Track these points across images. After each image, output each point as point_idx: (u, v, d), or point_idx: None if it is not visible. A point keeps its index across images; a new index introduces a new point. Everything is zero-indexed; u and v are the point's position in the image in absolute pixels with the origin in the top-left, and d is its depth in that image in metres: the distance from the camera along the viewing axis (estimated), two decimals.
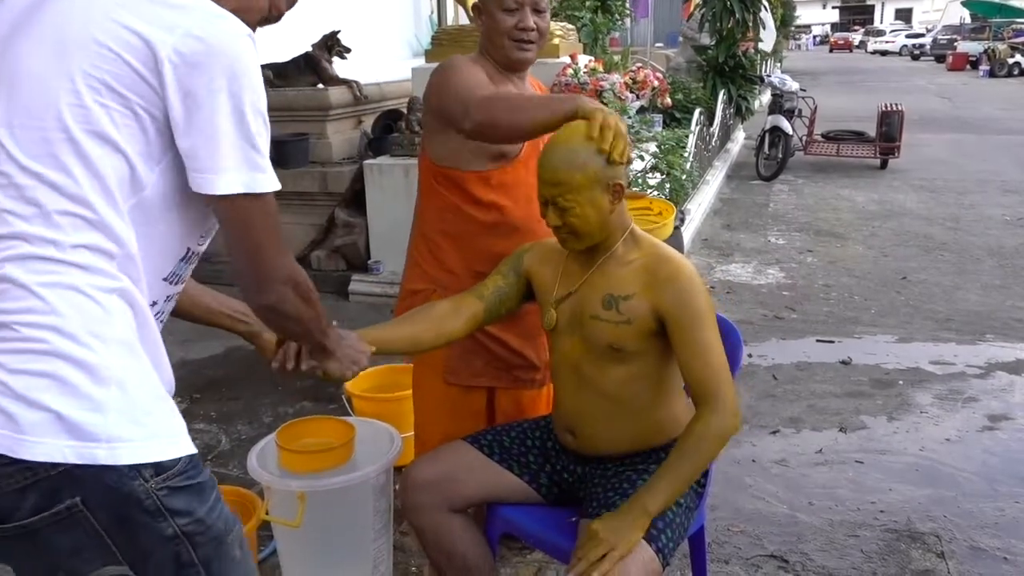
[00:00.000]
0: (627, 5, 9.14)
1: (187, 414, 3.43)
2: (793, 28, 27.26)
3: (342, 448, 2.05)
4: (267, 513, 2.05)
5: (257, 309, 1.22)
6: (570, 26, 5.74)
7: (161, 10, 1.05)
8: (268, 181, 1.11)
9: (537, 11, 1.94)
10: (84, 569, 1.03)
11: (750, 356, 3.90)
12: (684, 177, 5.35)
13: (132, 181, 1.06)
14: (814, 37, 58.00)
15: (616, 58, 7.04)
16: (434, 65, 2.06)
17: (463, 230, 1.99)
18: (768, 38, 10.32)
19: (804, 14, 44.74)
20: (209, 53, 1.04)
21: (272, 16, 1.26)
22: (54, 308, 1.00)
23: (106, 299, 1.04)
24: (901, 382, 3.66)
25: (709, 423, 1.58)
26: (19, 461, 0.97)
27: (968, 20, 36.75)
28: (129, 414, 1.02)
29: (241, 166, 1.07)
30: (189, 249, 1.20)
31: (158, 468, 1.03)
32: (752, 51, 10.04)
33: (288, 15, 1.43)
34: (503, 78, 1.98)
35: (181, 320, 1.73)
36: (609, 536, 1.48)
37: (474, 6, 2.03)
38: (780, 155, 8.54)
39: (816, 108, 9.66)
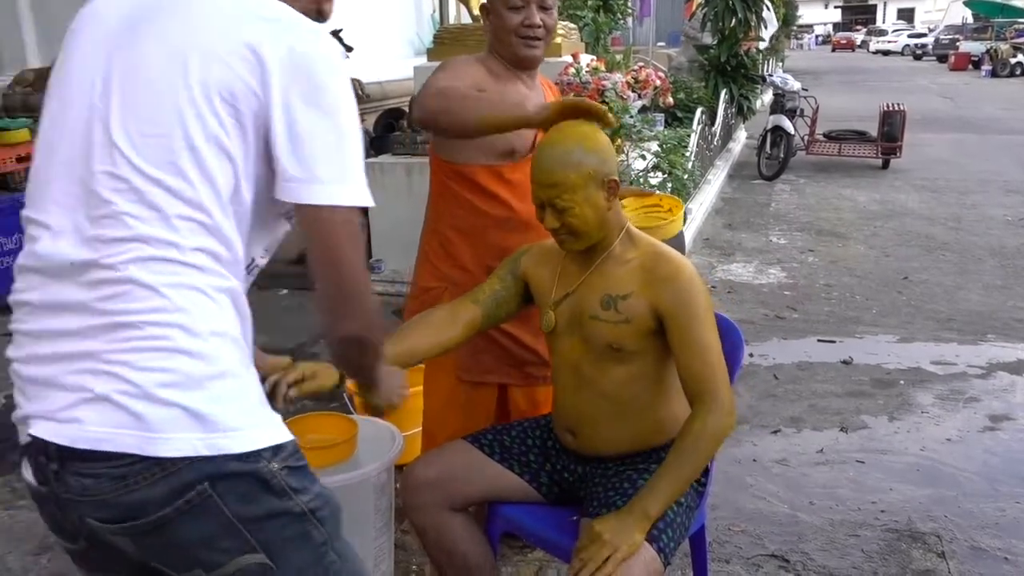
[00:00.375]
0: (629, 4, 9.14)
1: None
2: (795, 28, 27.23)
3: (345, 444, 2.05)
4: None
5: (344, 337, 1.17)
6: (572, 25, 5.74)
7: (268, 25, 1.10)
8: (363, 195, 1.12)
9: (543, 8, 1.95)
10: (220, 560, 1.06)
11: (751, 356, 3.90)
12: (686, 176, 5.35)
13: (236, 190, 1.10)
14: (816, 37, 57.95)
15: (618, 57, 7.04)
16: (436, 64, 2.07)
17: (475, 225, 2.01)
18: (767, 34, 10.30)
19: (806, 13, 44.73)
20: (310, 68, 1.09)
21: (319, 21, 1.28)
22: (180, 306, 1.04)
23: (221, 298, 1.09)
24: (902, 382, 3.66)
25: (706, 422, 1.58)
26: (148, 458, 1.01)
27: (970, 20, 36.72)
28: (244, 403, 1.08)
29: (337, 178, 1.09)
30: (253, 260, 1.23)
31: (276, 450, 1.08)
32: (754, 51, 10.03)
33: None
34: (512, 76, 1.99)
35: None
36: (611, 538, 1.49)
37: (482, 6, 2.04)
38: (782, 155, 8.54)
39: (818, 108, 9.66)
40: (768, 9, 9.81)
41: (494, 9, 1.98)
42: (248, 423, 1.06)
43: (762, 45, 10.38)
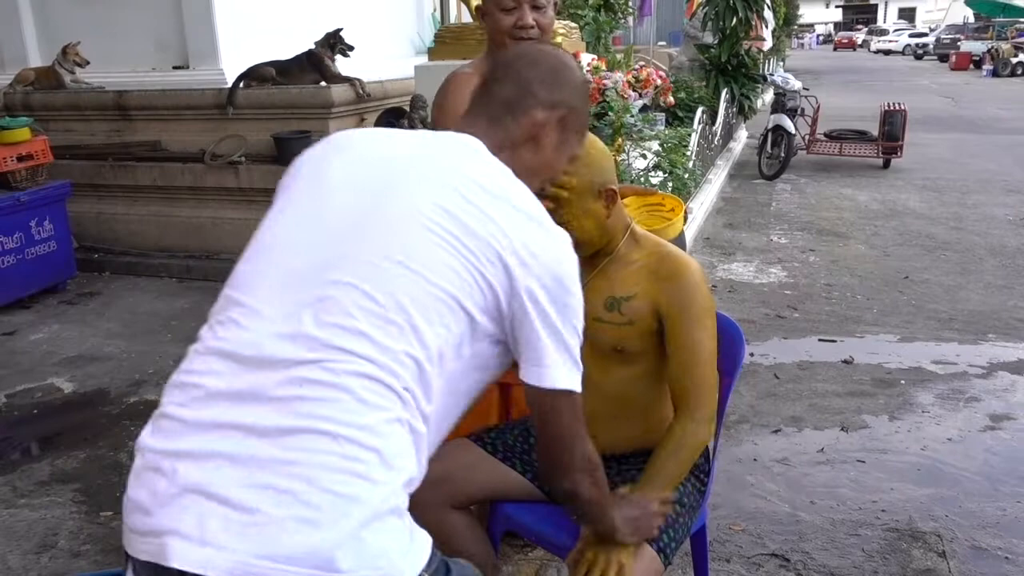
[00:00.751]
0: (630, 4, 9.13)
1: None
2: (796, 27, 27.21)
3: None
4: None
5: (555, 491, 1.32)
6: (573, 25, 5.73)
7: (538, 229, 1.17)
8: (578, 381, 1.21)
9: (536, 7, 1.95)
10: None
11: (752, 355, 3.90)
12: (686, 176, 5.35)
13: (456, 353, 1.12)
14: (817, 36, 57.90)
15: (619, 57, 7.03)
16: (437, 63, 2.08)
17: None
18: (767, 33, 10.30)
19: (807, 13, 44.69)
20: (564, 271, 1.17)
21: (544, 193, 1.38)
22: (384, 433, 1.01)
23: (415, 438, 1.07)
24: (903, 381, 3.65)
25: (687, 430, 1.59)
26: None
27: (971, 19, 36.70)
28: (404, 542, 1.04)
29: (565, 365, 1.18)
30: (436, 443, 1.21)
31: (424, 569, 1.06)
32: (755, 50, 10.02)
33: (290, 13, 1.46)
34: None
35: (182, 317, 1.73)
36: (609, 545, 1.49)
37: (477, 8, 2.04)
38: (782, 154, 8.53)
39: (819, 107, 9.65)
40: (769, 8, 9.80)
41: (488, 11, 1.99)
42: (408, 566, 1.02)
43: (766, 46, 10.37)
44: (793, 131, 8.61)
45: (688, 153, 5.76)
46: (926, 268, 5.40)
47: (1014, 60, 24.57)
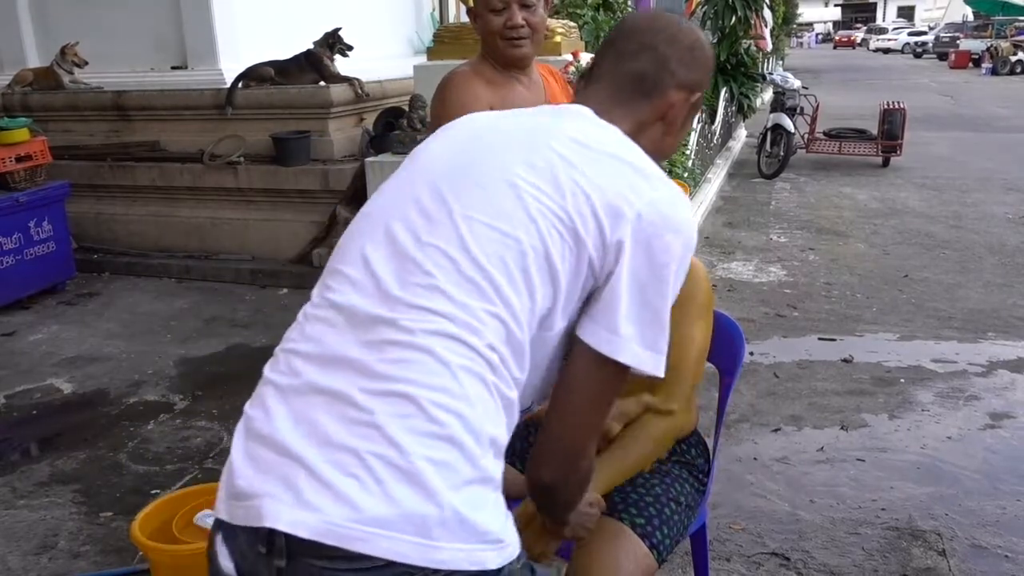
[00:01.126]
0: (629, 3, 9.13)
1: (188, 412, 3.45)
2: (795, 26, 27.20)
3: None
4: None
5: (538, 481, 1.16)
6: (572, 24, 5.73)
7: (637, 178, 1.09)
8: (657, 365, 1.09)
9: (525, 7, 1.95)
10: None
11: (752, 354, 3.90)
12: (686, 175, 5.35)
13: (550, 314, 1.06)
14: (816, 35, 57.90)
15: None
16: (436, 63, 2.08)
17: None
18: (766, 32, 10.30)
19: (806, 12, 44.66)
20: (668, 226, 1.07)
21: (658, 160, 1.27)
22: (466, 395, 0.96)
23: (502, 404, 1.02)
24: (902, 380, 3.65)
25: (651, 421, 1.57)
26: (400, 564, 0.89)
27: (971, 18, 36.69)
28: (500, 512, 0.99)
29: (644, 341, 1.07)
30: (531, 406, 1.16)
31: (516, 559, 1.00)
32: (756, 49, 10.01)
33: (288, 13, 1.46)
34: (508, 80, 2.00)
35: (181, 318, 1.73)
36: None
37: (469, 10, 2.04)
38: (782, 153, 8.53)
39: (818, 106, 9.65)
40: (768, 7, 9.80)
41: (478, 13, 1.99)
42: (505, 536, 0.97)
43: (767, 46, 10.36)
44: (792, 130, 8.61)
45: (687, 152, 5.76)
46: (925, 267, 5.40)
47: (1013, 58, 24.57)
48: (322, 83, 5.45)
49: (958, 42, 31.20)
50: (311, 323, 1.06)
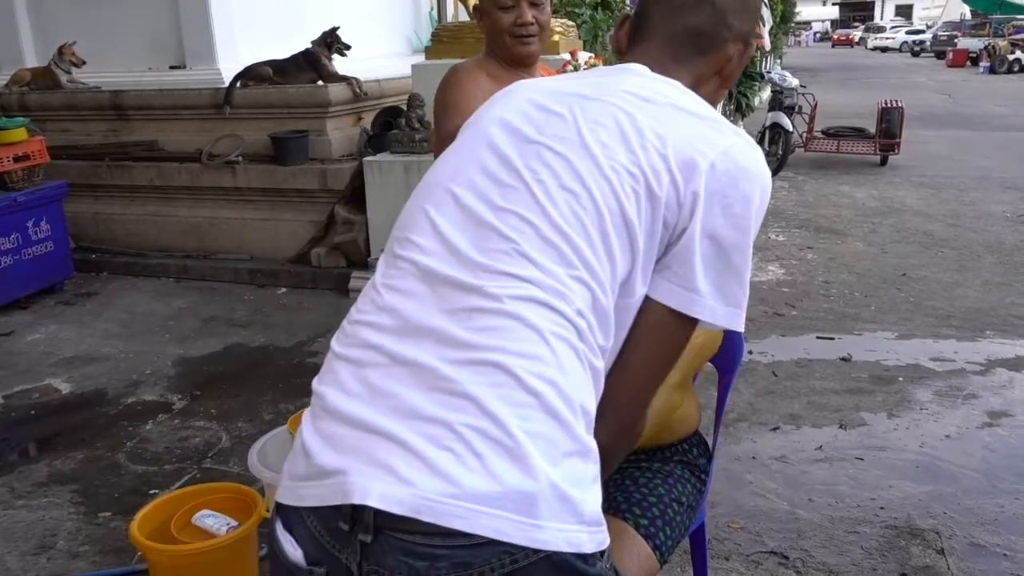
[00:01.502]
0: (627, 2, 9.12)
1: (187, 411, 3.44)
2: (793, 24, 27.21)
3: None
4: (267, 510, 2.05)
5: (610, 432, 1.06)
6: (570, 23, 5.73)
7: (708, 129, 1.05)
8: (734, 320, 1.06)
9: (534, 5, 1.96)
10: None
11: (750, 353, 3.90)
12: None
13: (630, 279, 1.01)
14: (814, 34, 57.94)
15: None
16: (434, 62, 2.09)
17: None
18: (765, 31, 10.30)
19: (804, 10, 44.69)
20: (743, 175, 1.04)
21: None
22: (560, 363, 0.91)
23: (591, 375, 0.97)
24: (901, 379, 3.66)
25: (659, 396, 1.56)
26: (500, 543, 0.83)
27: (968, 16, 36.71)
28: (597, 492, 0.93)
29: (722, 296, 1.04)
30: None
31: (608, 553, 0.95)
32: (758, 47, 10.01)
33: (287, 12, 1.44)
34: (512, 76, 2.00)
35: (180, 317, 1.72)
36: None
37: (475, 7, 2.04)
38: (780, 152, 8.53)
39: (816, 104, 9.65)
40: (765, 6, 9.80)
41: (486, 11, 1.99)
42: (602, 517, 0.91)
43: (767, 44, 10.36)
44: (791, 128, 8.61)
45: None
46: (924, 265, 5.40)
47: (1011, 57, 24.60)
48: (320, 82, 5.45)
49: (956, 41, 31.26)
50: (383, 294, 1.01)
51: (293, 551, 0.93)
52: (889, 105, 9.02)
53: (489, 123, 1.11)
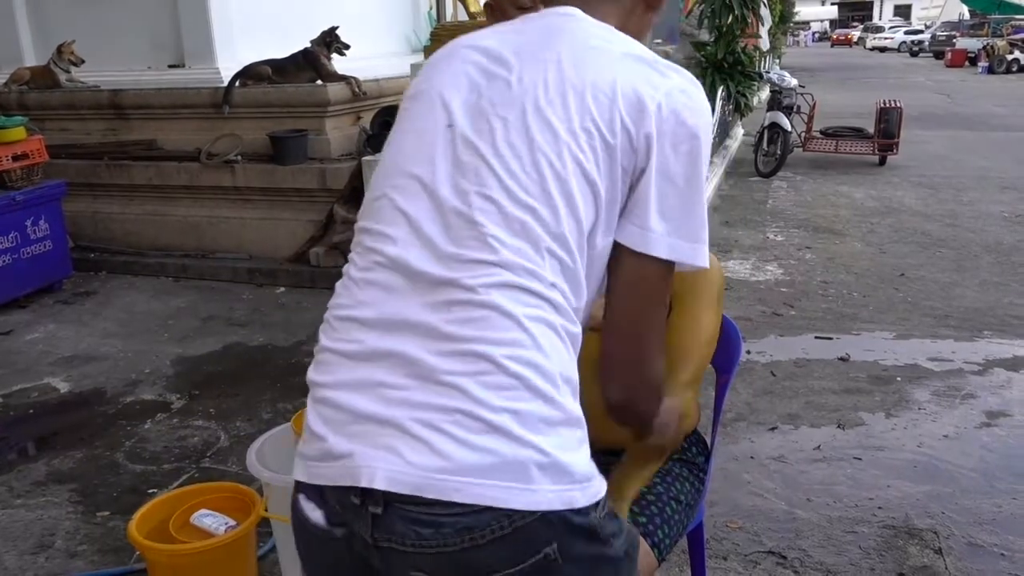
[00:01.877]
0: None
1: (185, 411, 3.44)
2: (792, 24, 27.22)
3: None
4: (266, 510, 2.05)
5: (610, 401, 1.11)
6: None
7: (650, 71, 1.06)
8: (698, 255, 1.06)
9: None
10: None
11: (748, 352, 3.90)
12: None
13: (593, 231, 1.03)
14: (813, 33, 57.95)
15: None
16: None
17: None
18: (763, 31, 10.32)
19: (803, 10, 44.67)
20: (689, 112, 1.05)
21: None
22: (538, 344, 0.96)
23: (569, 343, 1.01)
24: (899, 379, 3.66)
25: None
26: (498, 509, 0.91)
27: (967, 16, 36.74)
28: (586, 451, 1.00)
29: (680, 232, 1.04)
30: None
31: (603, 504, 1.01)
32: (752, 48, 10.01)
33: (286, 12, 1.44)
34: None
35: (179, 316, 1.72)
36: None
37: (487, 4, 2.03)
38: (779, 152, 8.53)
39: (815, 104, 9.66)
40: (765, 6, 9.81)
41: (502, 9, 1.98)
42: (592, 475, 0.98)
43: (764, 46, 10.36)
44: (789, 128, 8.62)
45: None
46: (922, 265, 5.41)
47: (1009, 57, 24.62)
48: (319, 82, 5.45)
49: (954, 41, 31.28)
50: (362, 287, 1.04)
51: (314, 514, 1.01)
52: (888, 105, 9.03)
53: (437, 95, 1.11)
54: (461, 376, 0.94)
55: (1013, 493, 2.73)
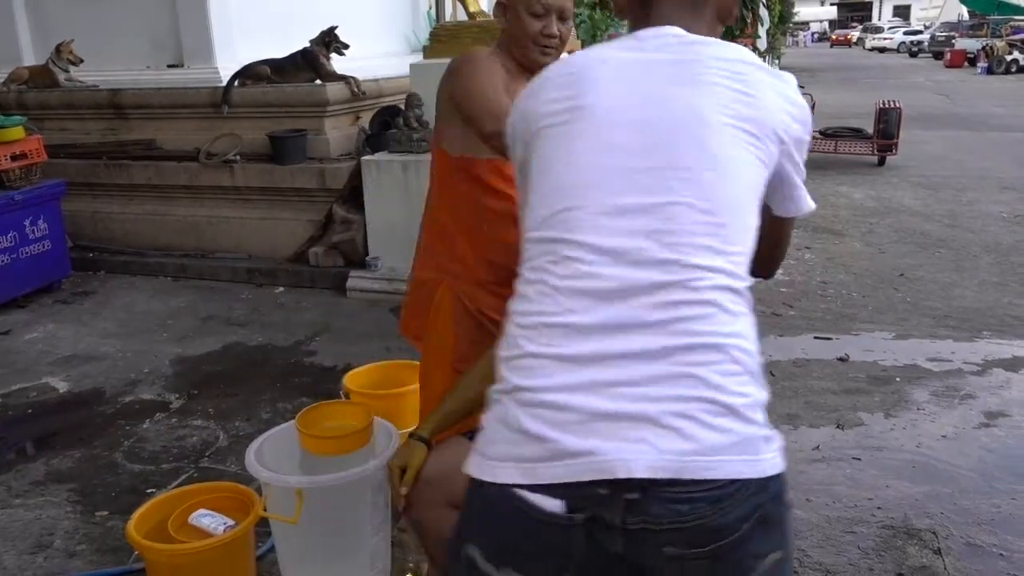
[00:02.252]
0: None
1: (184, 411, 3.44)
2: (791, 25, 27.22)
3: (364, 431, 2.10)
4: (265, 510, 2.05)
5: (772, 271, 1.44)
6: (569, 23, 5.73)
7: (767, 75, 1.21)
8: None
9: (562, 19, 1.98)
10: (755, 565, 1.09)
11: None
12: None
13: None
14: (812, 34, 57.99)
15: None
16: (433, 61, 2.08)
17: (474, 218, 2.02)
18: (762, 31, 10.32)
19: (802, 11, 44.67)
20: (803, 112, 1.23)
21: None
22: (750, 335, 1.12)
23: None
24: (898, 379, 3.66)
25: None
26: (737, 480, 1.04)
27: (966, 17, 36.77)
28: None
29: (805, 191, 1.31)
30: None
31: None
32: (750, 48, 10.02)
33: (285, 11, 1.44)
34: (518, 77, 2.00)
35: (178, 316, 1.72)
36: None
37: (498, 3, 2.03)
38: None
39: (814, 105, 9.64)
40: (763, 6, 9.81)
41: (515, 12, 1.98)
42: (778, 443, 1.12)
43: (761, 45, 10.36)
44: None
45: None
46: (921, 265, 5.41)
47: (1008, 58, 24.64)
48: (318, 81, 5.44)
49: (954, 41, 31.28)
50: (568, 296, 1.10)
51: (552, 504, 1.05)
52: (887, 105, 9.03)
53: (605, 111, 1.18)
54: (697, 366, 1.06)
55: (1012, 493, 2.73)
